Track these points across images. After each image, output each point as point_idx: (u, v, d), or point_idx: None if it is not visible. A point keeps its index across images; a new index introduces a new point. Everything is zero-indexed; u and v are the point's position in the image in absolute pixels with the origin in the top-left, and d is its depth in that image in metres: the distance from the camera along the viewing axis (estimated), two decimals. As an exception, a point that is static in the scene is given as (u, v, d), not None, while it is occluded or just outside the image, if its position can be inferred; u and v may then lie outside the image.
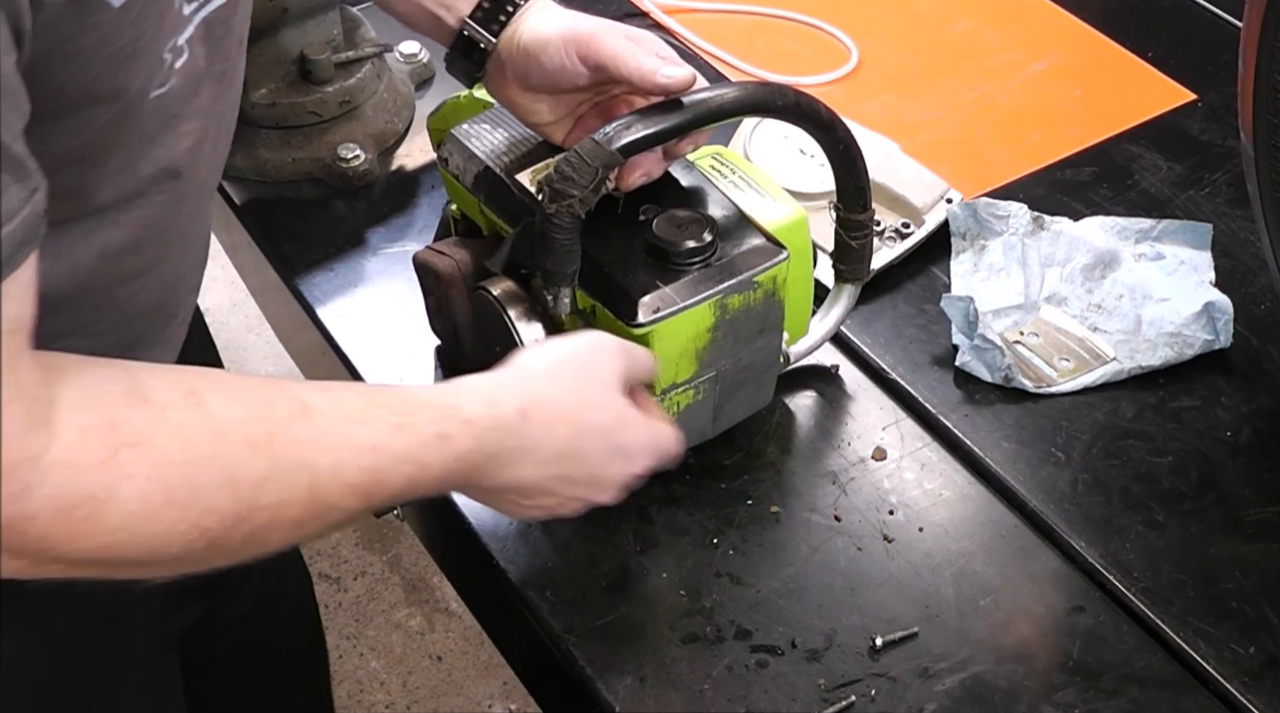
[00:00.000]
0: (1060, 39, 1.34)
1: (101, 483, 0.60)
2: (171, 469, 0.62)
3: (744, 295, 0.87)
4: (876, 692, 0.83)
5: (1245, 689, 0.83)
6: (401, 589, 2.12)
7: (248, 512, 0.65)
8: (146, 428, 0.62)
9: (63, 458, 0.59)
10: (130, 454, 0.61)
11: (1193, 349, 1.01)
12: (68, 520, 0.60)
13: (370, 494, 0.70)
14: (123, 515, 0.61)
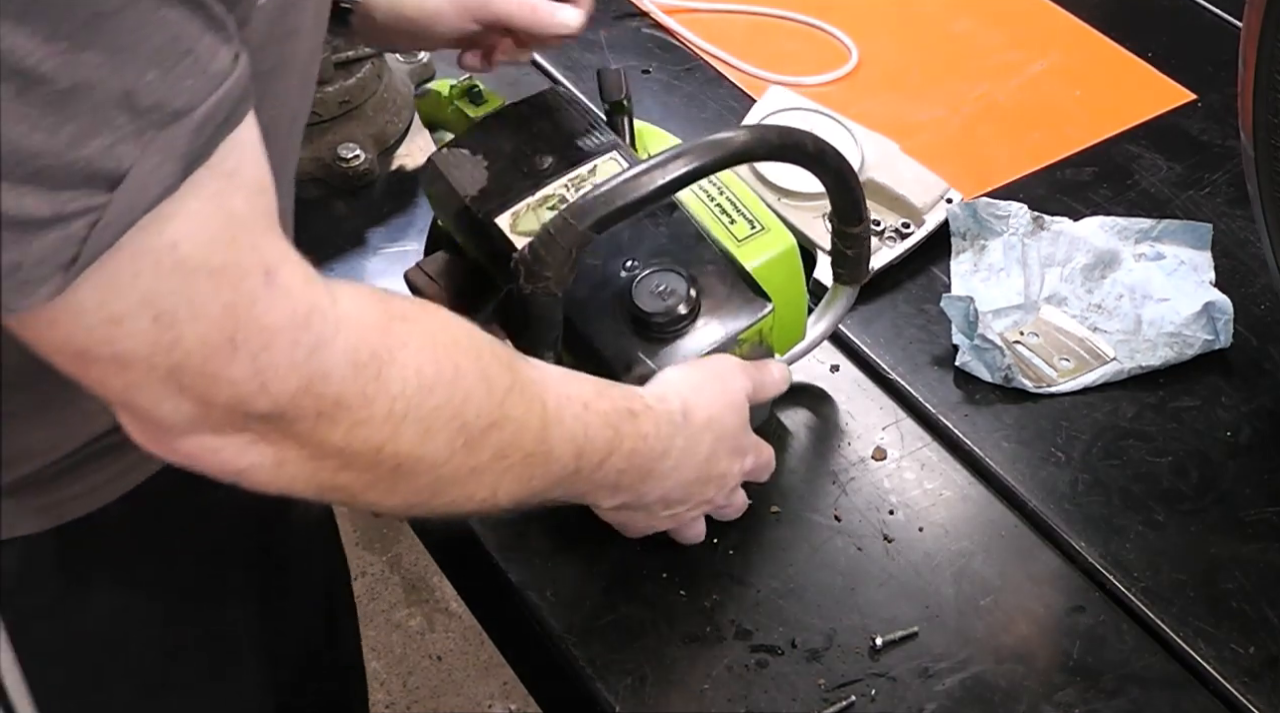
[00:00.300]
0: (1060, 39, 1.34)
1: (383, 344, 0.62)
2: (439, 347, 0.65)
3: (730, 352, 0.87)
4: (876, 692, 0.83)
5: (1245, 689, 0.83)
6: (401, 589, 2.12)
7: (498, 417, 0.68)
8: (411, 310, 0.65)
9: (349, 313, 0.61)
10: (402, 326, 0.63)
11: (1193, 349, 1.01)
12: (358, 379, 0.61)
13: (580, 451, 0.74)
14: (402, 381, 0.63)
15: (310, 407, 0.60)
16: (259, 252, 0.57)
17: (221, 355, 0.57)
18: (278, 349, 0.58)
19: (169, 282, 0.55)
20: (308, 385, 0.59)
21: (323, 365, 0.60)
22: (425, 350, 0.65)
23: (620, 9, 1.36)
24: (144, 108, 0.52)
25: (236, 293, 0.56)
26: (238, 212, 0.56)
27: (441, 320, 0.67)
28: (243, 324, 0.57)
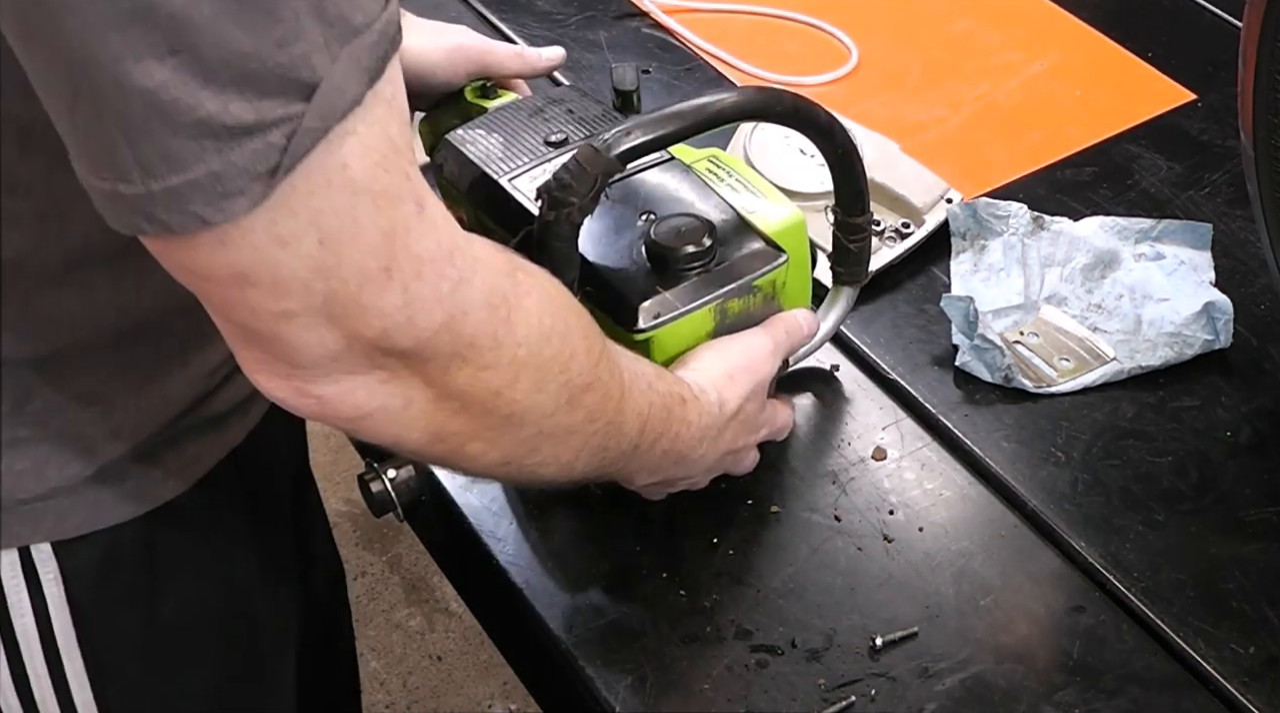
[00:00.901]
0: (1060, 39, 1.34)
1: (512, 289, 0.64)
2: (554, 300, 0.68)
3: (744, 300, 0.87)
4: (876, 692, 0.83)
5: (1245, 689, 0.83)
6: (401, 589, 2.12)
7: (593, 379, 0.71)
8: (526, 261, 0.68)
9: (482, 254, 0.63)
10: (524, 277, 0.66)
11: (1193, 349, 1.01)
12: (491, 320, 0.63)
13: (644, 427, 0.77)
14: (526, 328, 0.65)
15: (447, 344, 0.62)
16: (412, 181, 0.58)
17: (377, 283, 0.57)
18: (426, 280, 0.59)
19: (338, 202, 0.55)
20: (449, 321, 0.61)
21: (463, 302, 0.61)
22: (545, 301, 0.67)
23: (620, 9, 1.36)
24: (331, 18, 0.52)
25: (393, 219, 0.57)
26: (395, 138, 0.57)
27: (550, 276, 0.70)
28: (398, 252, 0.58)
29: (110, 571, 0.79)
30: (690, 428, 0.82)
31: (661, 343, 0.85)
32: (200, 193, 0.52)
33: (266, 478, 0.93)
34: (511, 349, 0.65)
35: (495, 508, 0.93)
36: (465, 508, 0.93)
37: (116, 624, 0.81)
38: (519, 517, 0.93)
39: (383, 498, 0.98)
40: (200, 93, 0.50)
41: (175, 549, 0.82)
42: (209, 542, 0.85)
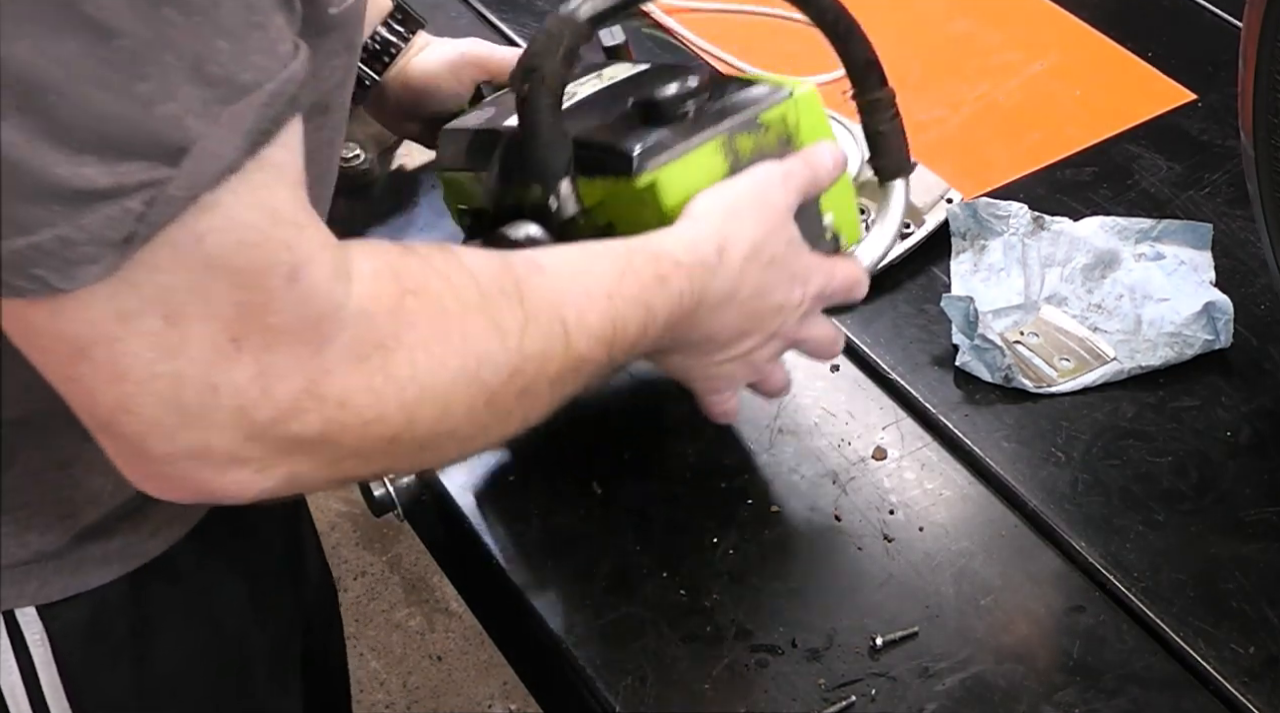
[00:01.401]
0: (1060, 39, 1.34)
1: (391, 331, 0.60)
2: (448, 317, 0.62)
3: (753, 137, 0.81)
4: (876, 692, 0.83)
5: (1245, 689, 0.83)
6: (401, 589, 2.12)
7: (518, 362, 0.65)
8: (420, 275, 0.62)
9: (360, 307, 0.58)
10: (413, 301, 0.61)
11: (1193, 349, 1.01)
12: (363, 371, 0.58)
13: (613, 342, 0.71)
14: (411, 365, 0.60)
15: (314, 411, 0.57)
16: (291, 250, 0.55)
17: (225, 359, 0.54)
18: (280, 350, 0.55)
19: (188, 279, 0.52)
20: (310, 387, 0.57)
21: (323, 364, 0.57)
22: (435, 323, 0.62)
23: (620, 9, 1.36)
24: (213, 78, 0.49)
25: (252, 293, 0.54)
26: (279, 207, 0.54)
27: (451, 281, 0.64)
28: (251, 325, 0.54)
29: (98, 630, 0.77)
30: (684, 299, 0.74)
31: (667, 187, 0.78)
32: (46, 258, 0.49)
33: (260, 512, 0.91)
34: (396, 394, 0.60)
35: (495, 508, 0.93)
36: (465, 508, 0.93)
37: (106, 680, 0.79)
38: (519, 517, 0.93)
39: (383, 498, 0.98)
40: (51, 154, 0.47)
41: (165, 602, 0.81)
42: (200, 589, 0.84)
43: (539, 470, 0.95)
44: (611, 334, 0.71)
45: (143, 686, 0.82)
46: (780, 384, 0.86)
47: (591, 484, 0.94)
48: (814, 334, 0.85)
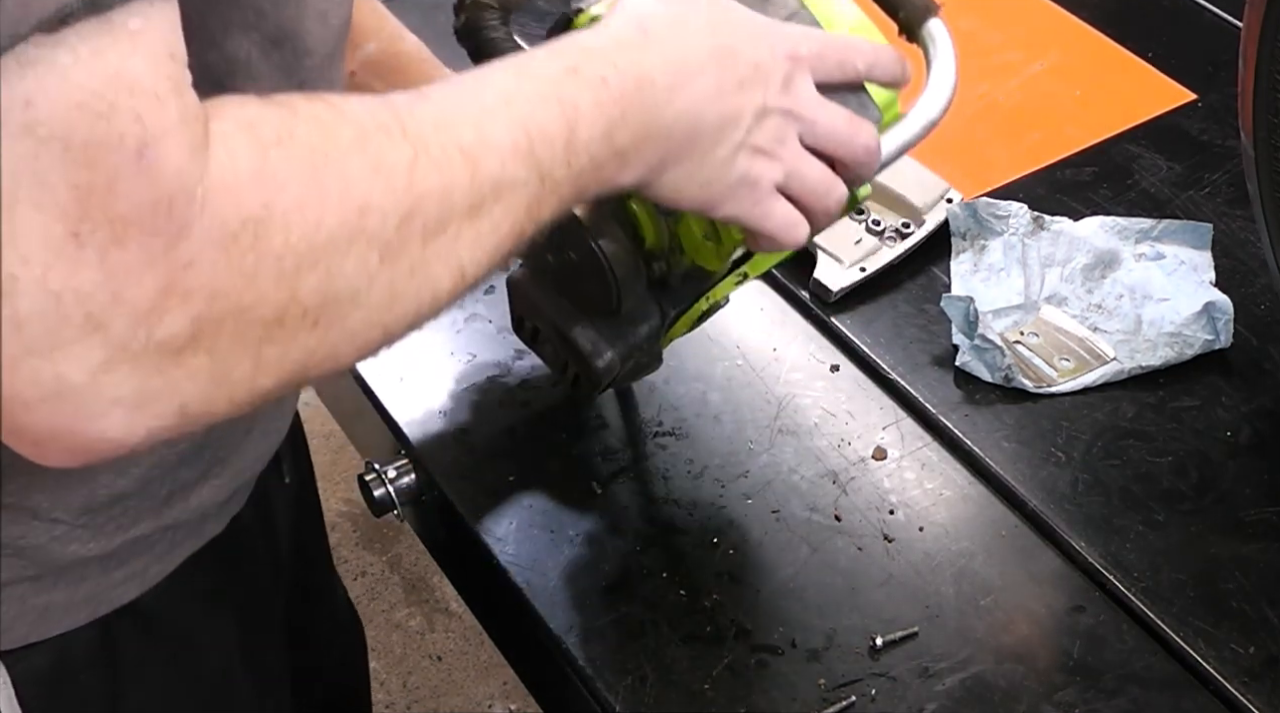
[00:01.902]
0: (1060, 39, 1.34)
1: (258, 199, 0.51)
2: (320, 168, 0.53)
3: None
4: (876, 692, 0.83)
5: (1245, 689, 0.83)
6: (401, 589, 2.12)
7: (411, 202, 0.56)
8: (284, 124, 0.53)
9: (219, 180, 0.50)
10: (278, 155, 0.52)
11: (1193, 349, 1.01)
12: (231, 254, 0.50)
13: (534, 153, 0.60)
14: (284, 230, 0.51)
15: (178, 310, 0.49)
16: (142, 123, 0.47)
17: (64, 259, 0.47)
18: (131, 244, 0.47)
19: (14, 148, 0.45)
20: (170, 284, 0.49)
21: (184, 255, 0.49)
22: (306, 178, 0.53)
23: (620, 9, 1.36)
24: None
25: (93, 173, 0.46)
26: (129, 73, 0.47)
27: (319, 124, 0.55)
28: (93, 212, 0.47)
29: (63, 677, 0.74)
30: (610, 84, 0.63)
31: None
32: None
33: (254, 555, 0.89)
34: (273, 271, 0.51)
35: (495, 508, 0.93)
36: (465, 508, 0.93)
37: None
38: (519, 517, 0.93)
39: (383, 498, 0.98)
40: None
41: (137, 651, 0.78)
42: (178, 636, 0.81)
43: (539, 471, 0.95)
44: (527, 142, 0.60)
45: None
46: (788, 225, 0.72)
47: (591, 484, 0.94)
48: (823, 114, 0.71)
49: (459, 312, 1.06)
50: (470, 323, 1.05)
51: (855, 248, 1.07)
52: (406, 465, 0.98)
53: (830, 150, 0.72)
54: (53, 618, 0.72)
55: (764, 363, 1.02)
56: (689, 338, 1.03)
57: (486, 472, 0.95)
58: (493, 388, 1.01)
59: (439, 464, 0.96)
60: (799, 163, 0.71)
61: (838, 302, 1.06)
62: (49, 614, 0.72)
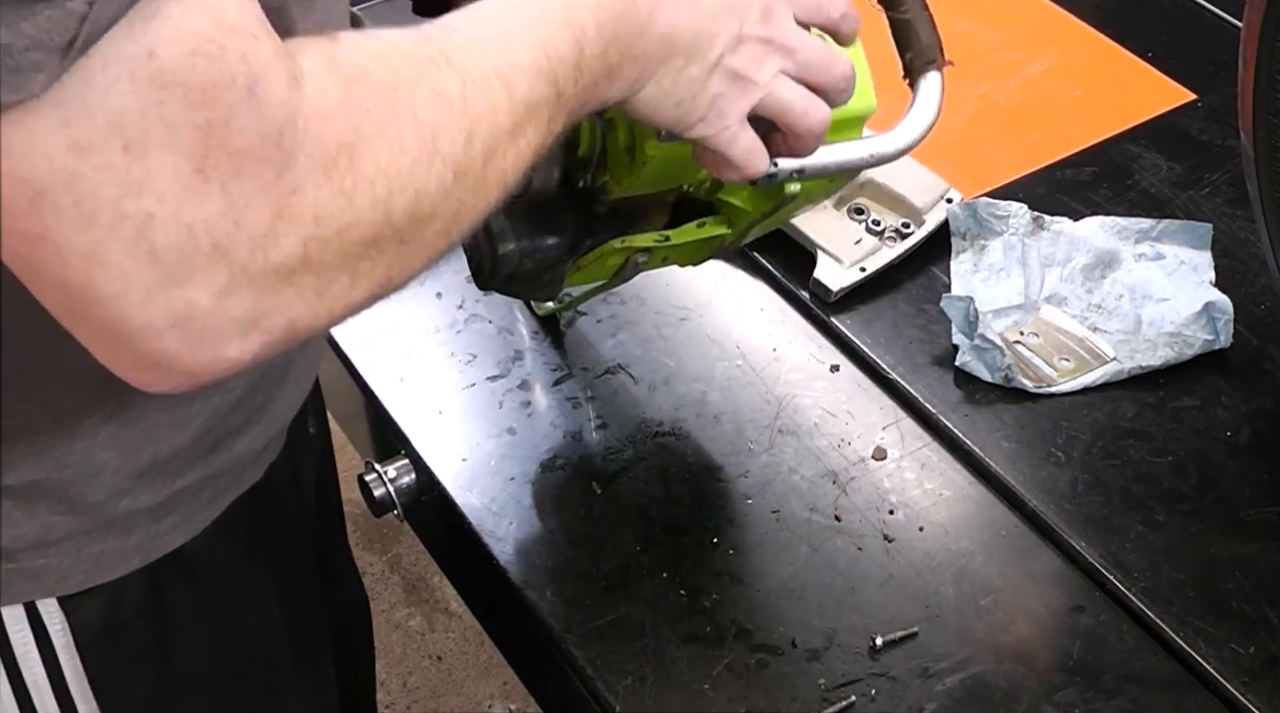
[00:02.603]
0: (1060, 39, 1.34)
1: (348, 125, 0.55)
2: (394, 96, 0.58)
3: None
4: (876, 692, 0.83)
5: (1245, 689, 0.83)
6: (401, 589, 2.12)
7: (470, 124, 0.61)
8: (358, 59, 0.58)
9: (314, 110, 0.54)
10: (359, 88, 0.56)
11: (1193, 349, 1.01)
12: (331, 177, 0.54)
13: (553, 72, 0.65)
14: (374, 155, 0.56)
15: (290, 234, 0.53)
16: (247, 61, 0.51)
17: (192, 192, 0.50)
18: (248, 174, 0.52)
19: (143, 97, 0.49)
20: (282, 209, 0.53)
21: (293, 181, 0.53)
22: (384, 106, 0.57)
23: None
24: None
25: (212, 112, 0.50)
26: (230, 17, 0.51)
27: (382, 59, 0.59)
28: (214, 148, 0.50)
29: (116, 625, 0.77)
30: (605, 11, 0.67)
31: None
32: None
33: (286, 505, 0.91)
34: (368, 193, 0.56)
35: (495, 508, 0.93)
36: (465, 508, 0.93)
37: (128, 675, 0.79)
38: (519, 517, 0.93)
39: (383, 498, 0.98)
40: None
41: (184, 599, 0.80)
42: (220, 586, 0.83)
43: (539, 471, 0.95)
44: (547, 64, 0.65)
45: (166, 681, 0.81)
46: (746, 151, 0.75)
47: (591, 484, 0.94)
48: (801, 43, 0.75)
49: (459, 312, 1.06)
50: (470, 323, 1.05)
51: (855, 248, 1.07)
52: (406, 465, 0.98)
53: (810, 78, 0.76)
54: (106, 565, 0.75)
55: (764, 363, 1.02)
56: (689, 338, 1.03)
57: (486, 472, 0.95)
58: (493, 388, 1.01)
59: (439, 464, 0.96)
60: (776, 86, 0.75)
61: (838, 302, 1.06)
62: (103, 562, 0.75)
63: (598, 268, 0.89)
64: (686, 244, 0.87)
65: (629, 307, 1.06)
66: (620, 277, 0.91)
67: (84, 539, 0.74)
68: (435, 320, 1.06)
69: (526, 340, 1.04)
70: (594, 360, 1.02)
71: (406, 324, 1.05)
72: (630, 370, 1.01)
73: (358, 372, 1.02)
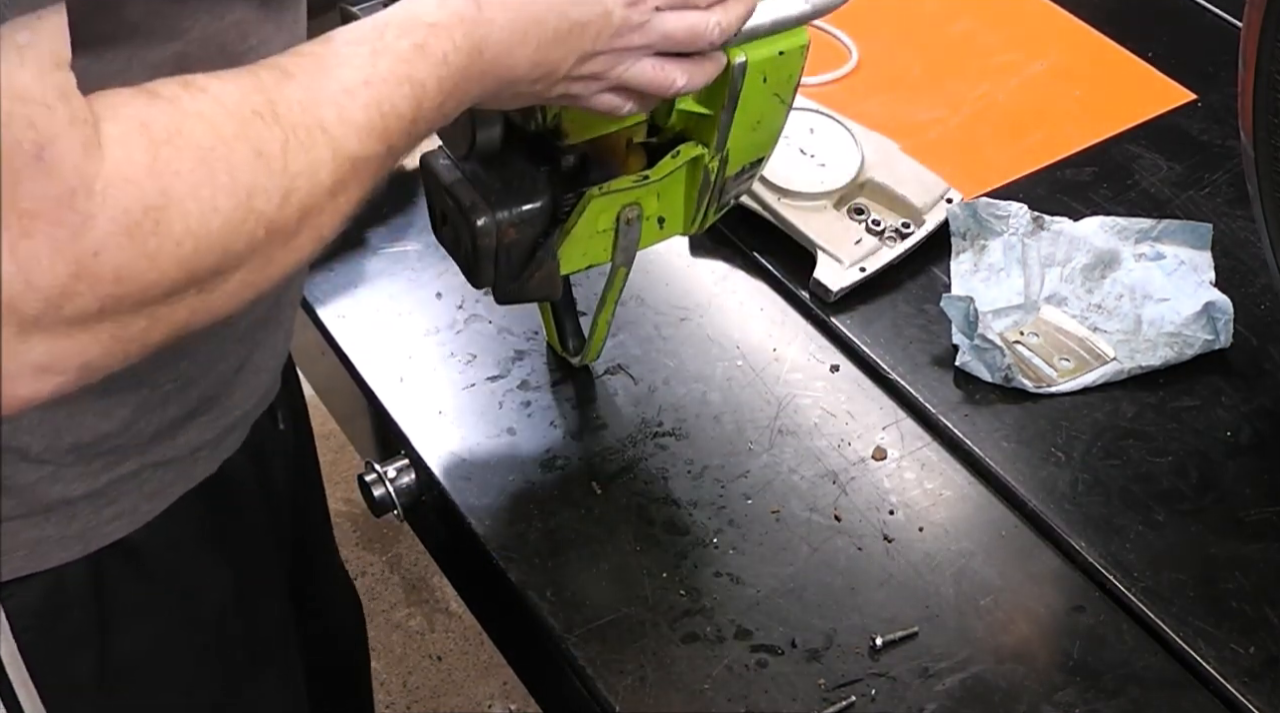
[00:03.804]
0: (1060, 39, 1.34)
1: (156, 189, 0.57)
2: (209, 156, 0.59)
3: None
4: (876, 692, 0.83)
5: (1245, 689, 0.83)
6: (401, 589, 2.12)
7: (288, 182, 0.62)
8: (171, 121, 0.59)
9: (116, 175, 0.55)
10: (169, 151, 0.58)
11: (1193, 349, 1.01)
12: (134, 240, 0.56)
13: (387, 129, 0.66)
14: (183, 217, 0.58)
15: (87, 292, 0.55)
16: (36, 128, 0.53)
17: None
18: (39, 236, 0.53)
19: None
20: (81, 268, 0.55)
21: (90, 244, 0.55)
22: (197, 170, 0.58)
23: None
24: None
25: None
26: (18, 86, 0.53)
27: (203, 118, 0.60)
28: (1, 211, 0.53)
29: (55, 611, 0.77)
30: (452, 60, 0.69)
31: None
32: None
33: (247, 501, 0.91)
34: (172, 252, 0.58)
35: (495, 508, 0.93)
36: (465, 508, 0.93)
37: (67, 659, 0.79)
38: (519, 517, 0.93)
39: (383, 498, 0.98)
40: None
41: (128, 586, 0.81)
42: (169, 575, 0.83)
43: (539, 471, 0.95)
44: (381, 123, 0.66)
45: (109, 667, 0.82)
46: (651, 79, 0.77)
47: (591, 484, 0.94)
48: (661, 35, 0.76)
49: (459, 312, 1.06)
50: (470, 323, 1.05)
51: (855, 248, 1.07)
52: (406, 465, 0.98)
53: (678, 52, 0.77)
54: (44, 552, 0.76)
55: (764, 363, 1.02)
56: (689, 338, 1.03)
57: (486, 472, 0.95)
58: (493, 388, 1.01)
59: (439, 464, 0.96)
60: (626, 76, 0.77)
61: (838, 302, 1.06)
62: (41, 548, 0.75)
63: (589, 234, 0.87)
64: (671, 183, 0.86)
65: (629, 307, 1.06)
66: (619, 248, 0.89)
67: (21, 524, 0.74)
68: (435, 320, 1.06)
69: (526, 340, 1.04)
70: (594, 361, 1.02)
71: (406, 324, 1.05)
72: (630, 370, 1.01)
73: (358, 372, 1.02)
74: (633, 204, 0.87)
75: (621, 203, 0.86)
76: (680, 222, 0.91)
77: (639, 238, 0.89)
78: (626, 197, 0.86)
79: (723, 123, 0.84)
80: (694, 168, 0.86)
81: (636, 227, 0.88)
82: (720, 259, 1.10)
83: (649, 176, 0.85)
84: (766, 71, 0.83)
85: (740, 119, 0.84)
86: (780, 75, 0.84)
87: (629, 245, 0.89)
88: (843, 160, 1.11)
